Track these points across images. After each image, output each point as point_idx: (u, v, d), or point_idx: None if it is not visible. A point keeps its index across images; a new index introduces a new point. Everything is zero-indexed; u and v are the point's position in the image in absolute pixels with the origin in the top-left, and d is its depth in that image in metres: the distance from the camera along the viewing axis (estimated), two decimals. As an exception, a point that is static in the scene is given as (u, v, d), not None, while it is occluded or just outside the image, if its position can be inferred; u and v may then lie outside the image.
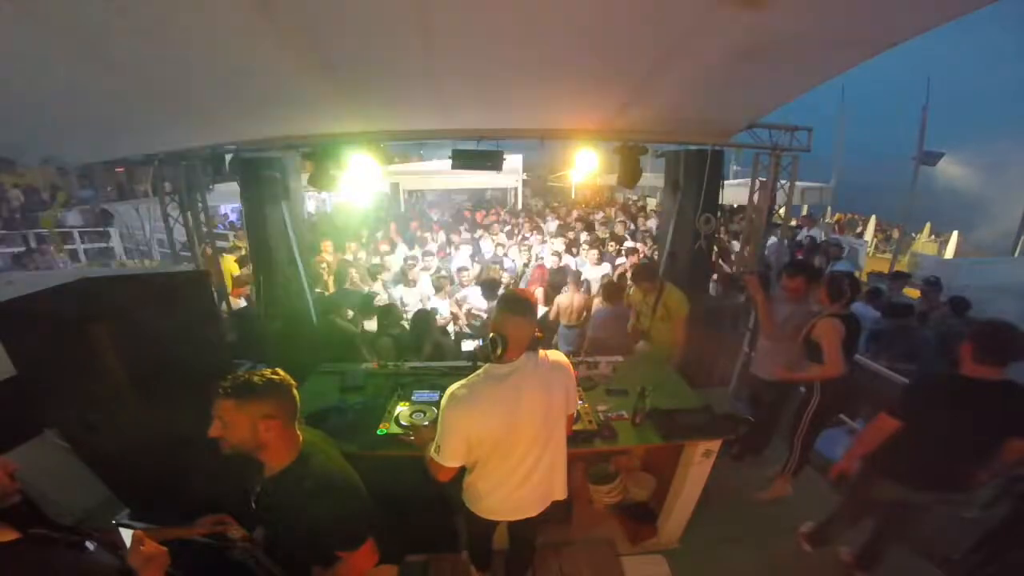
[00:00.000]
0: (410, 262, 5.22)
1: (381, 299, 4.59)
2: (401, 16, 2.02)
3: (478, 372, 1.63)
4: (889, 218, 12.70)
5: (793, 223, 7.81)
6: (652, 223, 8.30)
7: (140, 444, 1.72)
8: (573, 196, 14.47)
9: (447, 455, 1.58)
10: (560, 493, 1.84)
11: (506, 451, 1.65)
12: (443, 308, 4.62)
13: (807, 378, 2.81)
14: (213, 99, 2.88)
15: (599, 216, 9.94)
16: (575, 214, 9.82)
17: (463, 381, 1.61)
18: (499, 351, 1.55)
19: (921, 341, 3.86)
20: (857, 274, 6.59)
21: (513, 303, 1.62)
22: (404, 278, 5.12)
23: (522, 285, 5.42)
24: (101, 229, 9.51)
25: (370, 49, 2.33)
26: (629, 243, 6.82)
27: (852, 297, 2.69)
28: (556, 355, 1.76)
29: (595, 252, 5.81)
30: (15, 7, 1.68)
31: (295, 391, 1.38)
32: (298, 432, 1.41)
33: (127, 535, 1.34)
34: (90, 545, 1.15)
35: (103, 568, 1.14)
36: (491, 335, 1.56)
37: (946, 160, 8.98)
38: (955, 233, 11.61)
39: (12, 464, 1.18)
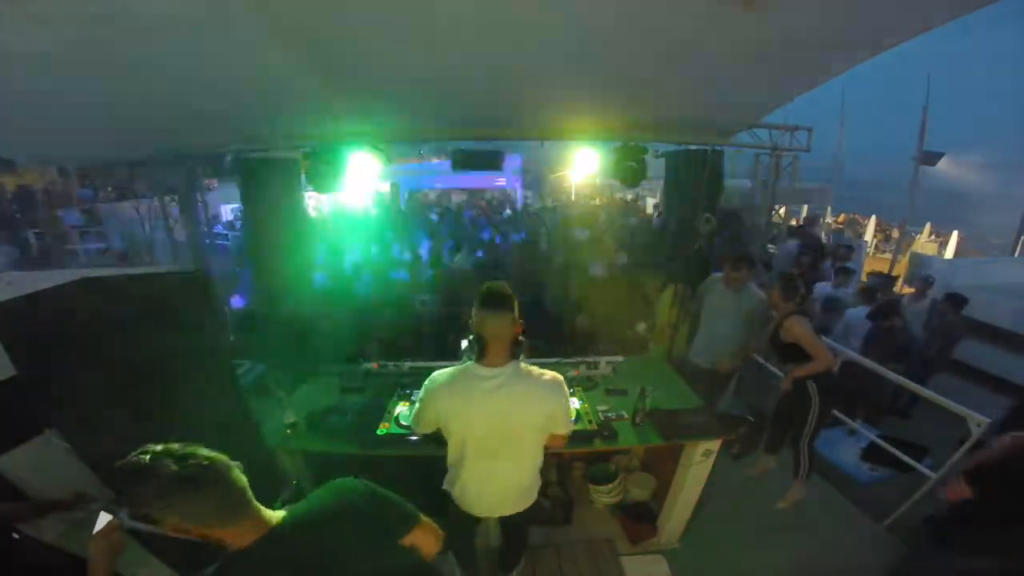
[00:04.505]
0: None
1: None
2: (404, 17, 2.03)
3: (463, 363, 1.63)
4: (889, 218, 12.68)
5: (793, 223, 7.79)
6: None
7: (140, 444, 1.72)
8: (573, 196, 14.46)
9: (418, 423, 1.70)
10: (529, 497, 1.84)
11: (478, 449, 1.66)
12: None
13: (809, 372, 2.74)
14: (213, 100, 2.88)
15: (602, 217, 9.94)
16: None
17: (450, 368, 1.63)
18: (479, 352, 1.54)
19: (908, 340, 3.90)
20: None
21: (486, 298, 1.51)
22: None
23: None
24: (101, 229, 9.51)
25: (371, 50, 2.33)
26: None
27: (806, 295, 2.85)
28: (550, 374, 1.64)
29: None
30: (14, 7, 1.68)
31: (219, 482, 0.93)
32: (254, 518, 1.01)
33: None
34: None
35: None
36: (472, 336, 1.54)
37: (946, 160, 8.95)
38: (955, 233, 11.59)
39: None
